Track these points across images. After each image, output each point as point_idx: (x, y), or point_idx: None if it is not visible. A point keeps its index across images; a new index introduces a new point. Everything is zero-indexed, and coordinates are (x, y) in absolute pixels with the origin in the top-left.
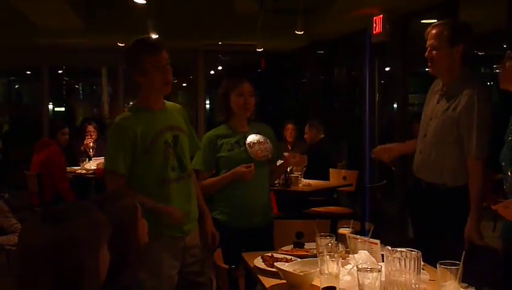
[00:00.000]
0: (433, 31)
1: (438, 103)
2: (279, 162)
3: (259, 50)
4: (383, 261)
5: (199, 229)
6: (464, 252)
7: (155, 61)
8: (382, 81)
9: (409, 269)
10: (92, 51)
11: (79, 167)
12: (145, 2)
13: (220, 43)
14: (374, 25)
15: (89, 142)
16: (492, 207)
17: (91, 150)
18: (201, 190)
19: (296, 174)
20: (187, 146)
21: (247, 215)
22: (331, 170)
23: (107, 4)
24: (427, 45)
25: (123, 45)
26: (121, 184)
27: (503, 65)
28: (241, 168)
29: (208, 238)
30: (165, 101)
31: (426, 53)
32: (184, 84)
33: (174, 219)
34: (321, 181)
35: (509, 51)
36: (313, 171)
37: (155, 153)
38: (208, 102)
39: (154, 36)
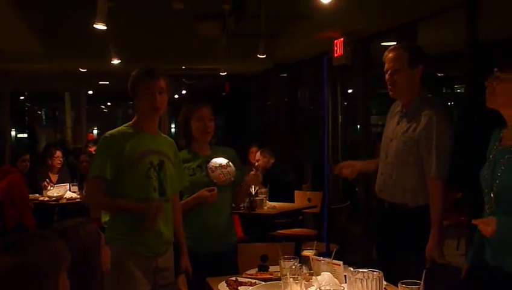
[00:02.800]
0: (390, 55)
1: (398, 124)
2: None
3: (223, 74)
4: (346, 282)
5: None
6: (424, 271)
7: (146, 87)
8: (345, 103)
9: (371, 289)
10: (54, 77)
11: (41, 195)
12: (105, 28)
13: (183, 67)
14: (335, 48)
15: (47, 185)
16: (473, 221)
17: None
18: None
19: (261, 197)
20: (172, 174)
21: (210, 240)
22: (295, 192)
23: (68, 30)
24: (385, 68)
25: (85, 70)
26: (103, 191)
27: (490, 84)
28: (204, 192)
29: (181, 272)
30: (160, 132)
31: (387, 76)
32: None
33: (147, 214)
34: (286, 203)
35: (496, 69)
36: (275, 195)
37: (139, 171)
38: (173, 126)
39: (116, 61)
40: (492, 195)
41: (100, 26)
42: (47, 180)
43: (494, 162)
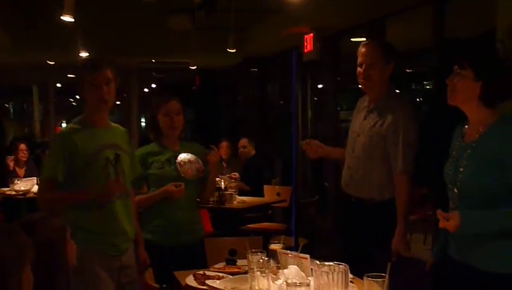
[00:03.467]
0: (366, 49)
1: (365, 119)
2: None
3: (193, 68)
4: (312, 276)
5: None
6: (389, 264)
7: (91, 79)
8: (315, 98)
9: (337, 282)
10: (22, 69)
11: (8, 188)
12: (73, 20)
13: (153, 60)
14: (305, 43)
15: (11, 163)
16: (438, 213)
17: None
18: None
19: (230, 191)
20: (128, 166)
21: (175, 234)
22: (265, 186)
23: (36, 22)
24: (359, 62)
25: (53, 63)
26: (55, 194)
27: (451, 81)
28: (170, 187)
29: (140, 264)
30: (110, 122)
31: (361, 70)
32: (118, 102)
33: (98, 197)
34: (255, 198)
35: (456, 67)
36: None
37: (96, 168)
38: (143, 120)
39: (85, 54)
40: (456, 190)
41: (68, 18)
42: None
43: (457, 158)
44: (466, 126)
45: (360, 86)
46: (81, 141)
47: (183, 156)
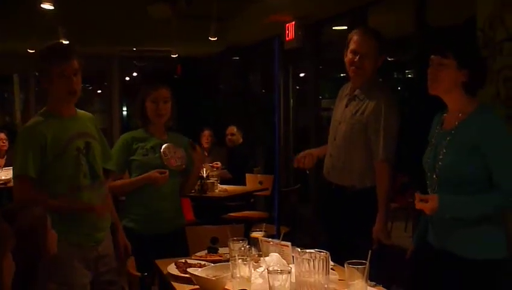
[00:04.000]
0: (359, 38)
1: (346, 107)
2: None
3: (174, 56)
4: (293, 263)
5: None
6: (370, 251)
7: (60, 70)
8: (297, 87)
9: (318, 269)
10: (2, 58)
11: None
12: (52, 7)
13: (134, 49)
14: (287, 31)
15: None
16: (416, 195)
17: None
18: (110, 191)
19: (212, 180)
20: (99, 154)
21: (157, 222)
22: (247, 175)
23: (16, 10)
24: (352, 49)
25: (33, 51)
26: (31, 190)
27: (431, 70)
28: (154, 173)
29: (120, 250)
30: (77, 109)
31: (355, 58)
32: (99, 91)
33: (97, 213)
34: (237, 186)
35: (435, 56)
36: (232, 174)
37: (67, 160)
38: (124, 109)
39: (65, 42)
40: (435, 177)
41: (47, 6)
42: None
43: (436, 146)
44: (445, 114)
45: (345, 74)
46: (50, 132)
47: (167, 146)
